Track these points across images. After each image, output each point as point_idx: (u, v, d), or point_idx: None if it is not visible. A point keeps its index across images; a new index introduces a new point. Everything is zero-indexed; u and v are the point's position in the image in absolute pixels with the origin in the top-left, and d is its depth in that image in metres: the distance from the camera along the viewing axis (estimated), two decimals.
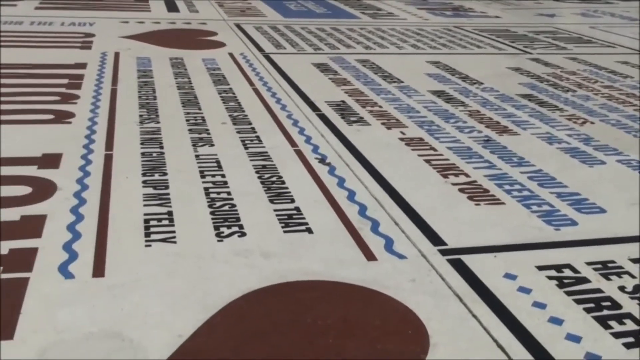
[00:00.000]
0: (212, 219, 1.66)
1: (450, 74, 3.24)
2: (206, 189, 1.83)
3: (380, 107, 2.67)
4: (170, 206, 1.71)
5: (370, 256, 1.52)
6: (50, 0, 4.92)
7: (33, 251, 1.47)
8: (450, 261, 1.50)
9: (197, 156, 2.07)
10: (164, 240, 1.54)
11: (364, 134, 2.34)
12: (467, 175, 2.00)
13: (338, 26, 4.43)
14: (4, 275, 1.36)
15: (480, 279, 1.42)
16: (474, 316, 1.29)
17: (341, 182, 1.91)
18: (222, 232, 1.59)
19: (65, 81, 2.79)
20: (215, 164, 2.01)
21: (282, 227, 1.64)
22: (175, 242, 1.54)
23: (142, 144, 2.14)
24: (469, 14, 5.33)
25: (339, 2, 5.59)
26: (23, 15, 4.26)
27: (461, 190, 1.90)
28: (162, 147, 2.12)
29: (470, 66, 3.42)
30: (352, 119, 2.50)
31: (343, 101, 2.72)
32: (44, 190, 1.77)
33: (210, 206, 1.73)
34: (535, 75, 3.28)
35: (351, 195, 1.83)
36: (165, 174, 1.92)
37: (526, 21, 5.12)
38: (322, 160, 2.08)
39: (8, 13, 4.32)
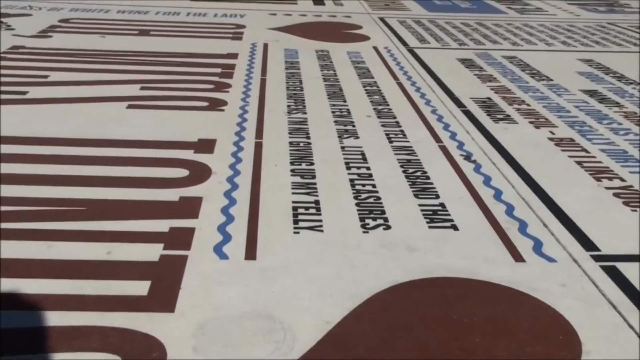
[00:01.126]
0: (358, 210, 1.69)
1: (603, 73, 3.09)
2: (351, 180, 1.86)
3: (528, 105, 2.59)
4: (317, 195, 1.76)
5: (517, 257, 1.49)
6: None
7: (191, 231, 1.55)
8: (603, 268, 1.44)
9: (342, 147, 2.10)
10: (311, 228, 1.59)
11: (510, 132, 2.29)
12: (622, 180, 1.91)
13: (484, 21, 4.34)
14: (165, 252, 1.46)
15: (637, 288, 1.36)
16: (630, 326, 1.24)
17: (487, 181, 1.88)
18: (368, 224, 1.62)
19: (218, 70, 2.92)
20: (360, 156, 2.03)
21: (427, 222, 1.64)
22: (322, 231, 1.58)
23: (289, 133, 2.21)
24: (625, 10, 5.05)
25: None
26: (180, 7, 4.48)
27: (616, 194, 1.81)
28: (308, 137, 2.17)
29: (626, 65, 3.24)
30: (498, 116, 2.45)
31: (489, 98, 2.67)
32: (200, 173, 1.87)
33: (355, 197, 1.76)
34: None
35: (498, 194, 1.80)
36: (312, 163, 1.97)
37: None
38: (468, 157, 2.05)
39: (166, 4, 4.56)
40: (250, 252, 1.47)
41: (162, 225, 1.57)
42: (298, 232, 1.57)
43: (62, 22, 3.80)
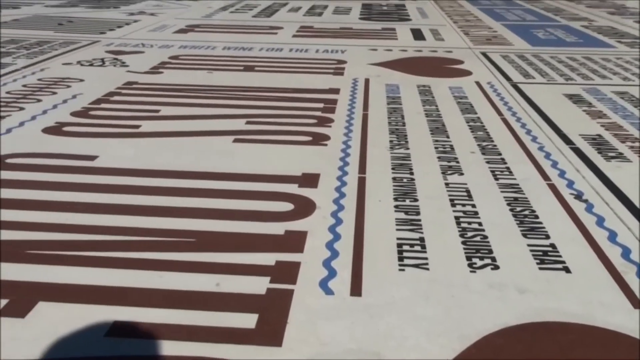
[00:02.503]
0: (464, 248, 1.66)
1: None
2: (457, 217, 1.83)
3: None
4: (422, 232, 1.74)
5: (636, 303, 1.41)
6: (305, 29, 5.26)
7: (296, 265, 1.57)
8: None
9: (446, 184, 2.08)
10: (417, 265, 1.57)
11: (624, 171, 2.19)
12: None
13: (591, 55, 4.22)
14: (272, 285, 1.47)
15: None
16: None
17: (600, 221, 1.81)
18: (475, 263, 1.58)
19: (321, 105, 2.96)
20: (465, 193, 2.00)
21: (537, 263, 1.59)
22: (427, 269, 1.56)
23: (393, 168, 2.20)
24: None
25: (592, 30, 5.32)
26: (282, 43, 4.59)
27: None
28: (412, 173, 2.16)
29: None
30: (610, 154, 2.36)
31: (599, 135, 2.58)
32: (304, 207, 1.89)
33: (461, 235, 1.72)
34: None
35: (612, 236, 1.72)
36: (416, 200, 1.95)
37: None
38: (579, 196, 1.98)
39: (270, 41, 4.69)
40: (356, 288, 1.47)
41: (268, 259, 1.59)
42: (403, 270, 1.55)
43: (172, 58, 3.97)
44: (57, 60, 3.82)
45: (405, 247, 1.66)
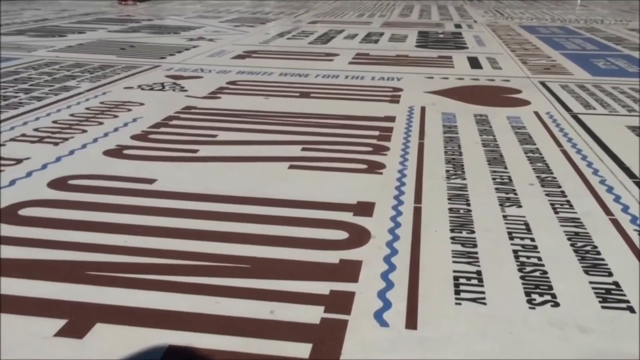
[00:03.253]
0: (523, 283, 1.62)
1: None
2: (515, 251, 1.80)
3: None
4: (479, 265, 1.71)
5: None
6: (361, 56, 5.28)
7: (351, 295, 1.55)
8: None
9: (504, 216, 2.04)
10: (474, 300, 1.54)
11: None
12: None
13: None
14: (326, 315, 1.46)
15: None
16: None
17: None
18: (534, 299, 1.54)
19: (376, 133, 2.95)
20: (523, 226, 1.96)
21: (600, 301, 1.54)
22: (485, 304, 1.52)
23: (449, 199, 2.17)
24: None
25: None
26: (338, 70, 4.62)
27: None
28: (469, 204, 2.13)
29: None
30: None
31: None
32: (359, 236, 1.87)
33: (520, 270, 1.69)
34: None
35: None
36: (473, 231, 1.92)
37: None
38: None
39: (325, 67, 4.72)
40: (411, 321, 1.44)
41: (322, 288, 1.58)
42: (460, 303, 1.52)
43: (229, 84, 4.03)
44: (119, 84, 3.92)
45: (462, 280, 1.63)
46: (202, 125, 3.03)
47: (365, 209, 2.09)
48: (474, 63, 4.99)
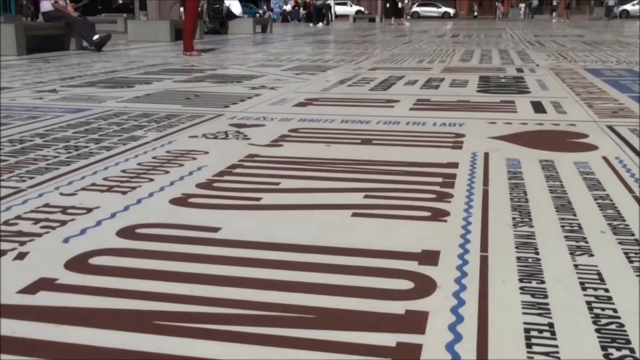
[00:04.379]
0: (598, 337, 1.55)
1: None
2: (588, 302, 1.73)
3: None
4: (550, 317, 1.65)
5: None
6: (422, 102, 5.28)
7: (418, 347, 1.52)
8: None
9: (575, 265, 1.97)
10: (547, 354, 1.48)
11: None
12: None
13: None
14: None
15: None
16: None
17: None
18: (611, 354, 1.47)
19: (439, 180, 2.92)
20: (596, 276, 1.89)
21: None
22: (559, 358, 1.46)
23: (516, 247, 2.12)
24: None
25: None
26: (399, 116, 4.62)
27: None
28: (537, 253, 2.07)
29: None
30: None
31: None
32: (424, 286, 1.84)
33: (594, 322, 1.62)
34: None
35: None
36: (542, 281, 1.86)
37: None
38: None
39: (386, 113, 4.74)
40: None
41: (389, 339, 1.55)
42: (532, 358, 1.47)
43: (291, 131, 4.08)
44: (184, 132, 4.02)
45: (534, 333, 1.57)
46: (265, 173, 3.07)
47: (430, 257, 2.05)
48: (538, 107, 4.93)
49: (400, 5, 21.26)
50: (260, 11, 48.75)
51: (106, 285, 1.85)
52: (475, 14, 56.51)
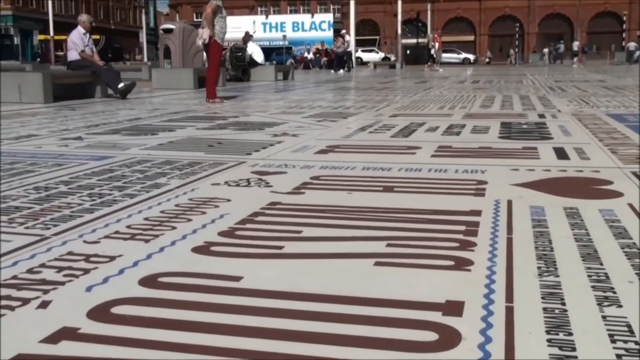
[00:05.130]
0: None
1: None
2: (618, 355, 1.69)
3: None
4: None
5: None
6: (444, 149, 5.28)
7: None
8: None
9: (603, 317, 1.93)
10: None
11: None
12: None
13: None
14: None
15: None
16: None
17: None
18: None
19: (462, 228, 2.90)
20: (626, 328, 1.85)
21: None
22: None
23: (542, 298, 2.09)
24: None
25: None
26: (421, 163, 4.62)
27: None
28: (564, 304, 2.03)
29: None
30: None
31: None
32: (449, 338, 1.81)
33: None
34: None
35: None
36: (570, 333, 1.82)
37: None
38: None
39: (407, 160, 4.74)
40: None
41: None
42: None
43: (313, 179, 4.09)
44: (206, 180, 4.04)
45: None
46: (287, 221, 3.06)
47: (454, 308, 2.02)
48: (561, 154, 4.90)
49: (432, 52, 21.59)
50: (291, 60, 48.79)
51: (128, 335, 1.85)
52: (488, 60, 56.60)
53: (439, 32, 23.68)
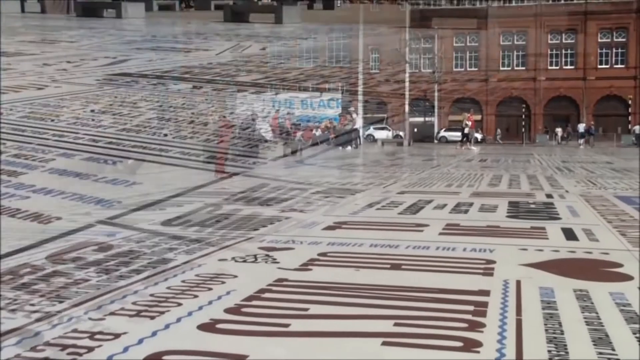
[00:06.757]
0: None
1: None
2: None
3: None
4: None
5: None
6: (451, 227, 5.27)
7: None
8: None
9: None
10: None
11: None
12: None
13: None
14: None
15: None
16: None
17: None
18: None
19: (470, 308, 2.87)
20: None
21: None
22: None
23: None
24: None
25: None
26: (429, 241, 4.60)
27: None
28: None
29: None
30: None
31: None
32: None
33: None
34: None
35: None
36: None
37: None
38: None
39: (415, 238, 4.72)
40: None
41: None
42: None
43: (320, 255, 4.07)
44: (213, 256, 4.03)
45: None
46: (294, 299, 3.04)
47: None
48: (569, 234, 4.88)
49: (466, 130, 21.99)
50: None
51: None
52: (498, 138, 56.51)
53: (471, 112, 23.93)
